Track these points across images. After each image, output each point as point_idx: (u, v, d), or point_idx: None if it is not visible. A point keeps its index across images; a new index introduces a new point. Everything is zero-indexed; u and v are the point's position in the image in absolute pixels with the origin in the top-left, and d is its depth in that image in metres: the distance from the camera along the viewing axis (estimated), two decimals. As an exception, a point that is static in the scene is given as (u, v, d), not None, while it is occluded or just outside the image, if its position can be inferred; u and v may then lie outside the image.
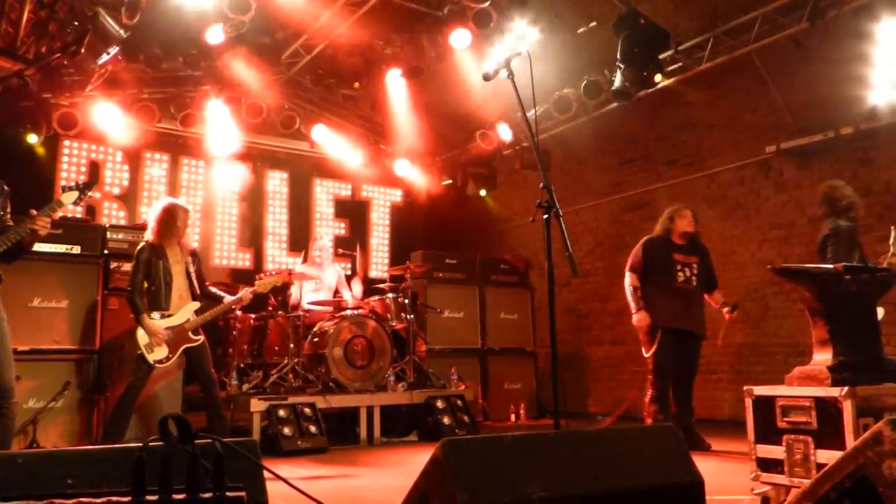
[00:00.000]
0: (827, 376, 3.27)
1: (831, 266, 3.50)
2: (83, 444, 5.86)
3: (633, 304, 5.71)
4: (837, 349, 3.37)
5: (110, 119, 7.95)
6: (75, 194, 3.97)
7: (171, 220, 5.41)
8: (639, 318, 5.65)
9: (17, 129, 7.39)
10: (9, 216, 3.81)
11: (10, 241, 3.59)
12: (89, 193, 4.10)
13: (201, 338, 5.41)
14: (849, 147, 6.90)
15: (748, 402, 3.50)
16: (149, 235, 5.43)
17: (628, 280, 5.78)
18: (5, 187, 3.83)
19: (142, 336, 5.21)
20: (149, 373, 5.28)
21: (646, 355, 5.68)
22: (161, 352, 5.23)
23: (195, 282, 5.50)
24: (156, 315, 5.27)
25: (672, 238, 5.79)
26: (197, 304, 5.45)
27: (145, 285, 5.33)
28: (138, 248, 5.43)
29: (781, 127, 7.36)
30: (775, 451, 3.33)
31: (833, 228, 4.98)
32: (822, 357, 3.41)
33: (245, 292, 5.71)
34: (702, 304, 5.83)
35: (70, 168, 8.28)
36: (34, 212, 3.70)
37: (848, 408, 3.06)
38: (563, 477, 2.10)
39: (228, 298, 5.63)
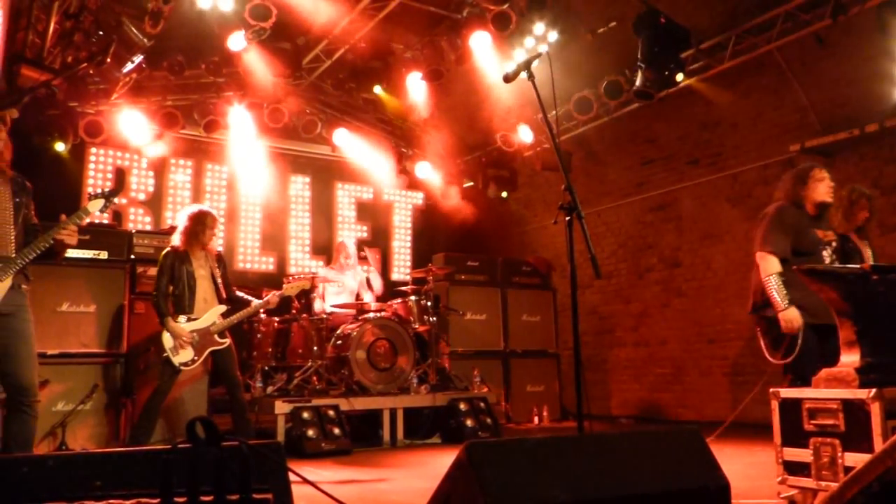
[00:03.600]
0: (854, 378, 3.22)
1: (858, 266, 3.46)
2: (111, 446, 5.93)
3: (779, 300, 4.18)
4: (865, 350, 3.32)
5: (135, 126, 8.06)
6: (101, 202, 4.03)
7: (198, 227, 5.47)
8: (791, 318, 4.14)
9: (45, 138, 7.51)
10: (33, 213, 3.89)
11: (36, 251, 3.66)
12: (115, 200, 4.15)
13: (227, 341, 5.46)
14: (875, 144, 6.81)
15: (774, 405, 3.46)
16: (175, 241, 5.50)
17: (769, 267, 4.27)
18: (27, 184, 3.91)
19: (167, 339, 5.27)
20: (175, 376, 5.34)
21: (778, 361, 4.35)
22: (186, 354, 5.28)
23: (221, 286, 5.56)
24: (181, 318, 5.33)
25: (805, 207, 4.45)
26: (223, 308, 5.51)
27: (170, 289, 5.39)
28: (163, 252, 5.51)
29: (805, 125, 7.29)
30: (802, 455, 3.29)
31: None
32: (850, 359, 3.36)
33: (272, 295, 5.77)
34: None
35: (97, 175, 8.40)
36: (64, 217, 3.78)
37: (876, 410, 3.01)
38: (587, 480, 2.10)
39: (256, 302, 5.68)
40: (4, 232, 3.64)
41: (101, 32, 6.67)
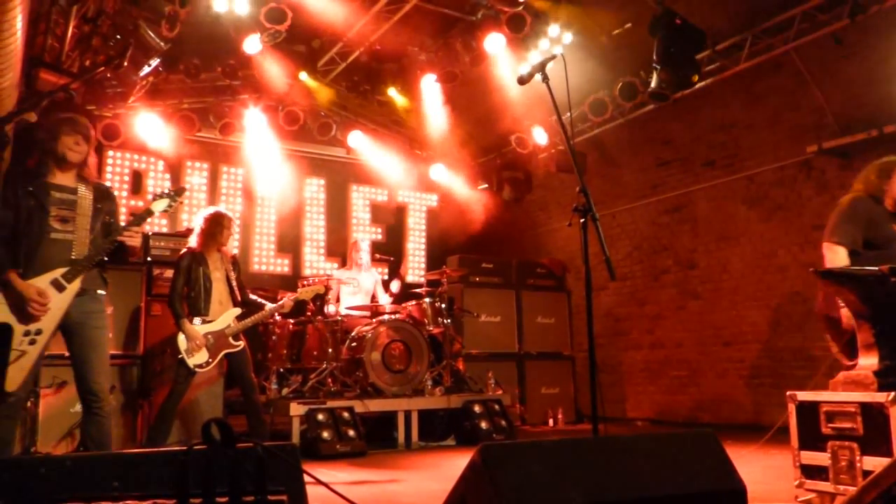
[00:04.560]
0: (873, 381, 3.20)
1: (876, 268, 3.42)
2: (128, 447, 5.97)
3: None
4: (884, 353, 3.29)
5: (152, 129, 8.12)
6: (166, 202, 4.06)
7: (215, 228, 5.51)
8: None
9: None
10: (118, 219, 3.97)
11: (101, 255, 3.74)
12: (179, 200, 4.15)
13: (242, 343, 5.48)
14: (893, 145, 6.73)
15: (791, 408, 3.44)
16: (192, 242, 5.54)
17: (836, 259, 3.95)
18: (111, 192, 4.02)
19: (182, 341, 5.29)
20: (190, 377, 5.35)
21: (847, 363, 3.93)
22: (201, 356, 5.30)
23: (236, 288, 5.58)
24: (196, 321, 5.35)
25: (884, 202, 4.14)
26: (238, 311, 5.53)
27: (185, 291, 5.42)
28: (180, 254, 5.55)
29: (823, 126, 7.23)
30: (820, 458, 3.26)
31: None
32: (868, 361, 3.33)
33: (287, 299, 5.78)
34: None
35: (114, 178, 8.47)
36: (131, 217, 3.87)
37: (895, 413, 2.99)
38: (602, 483, 2.09)
39: (269, 305, 5.70)
40: (81, 237, 3.73)
41: (118, 36, 6.73)
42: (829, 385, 3.42)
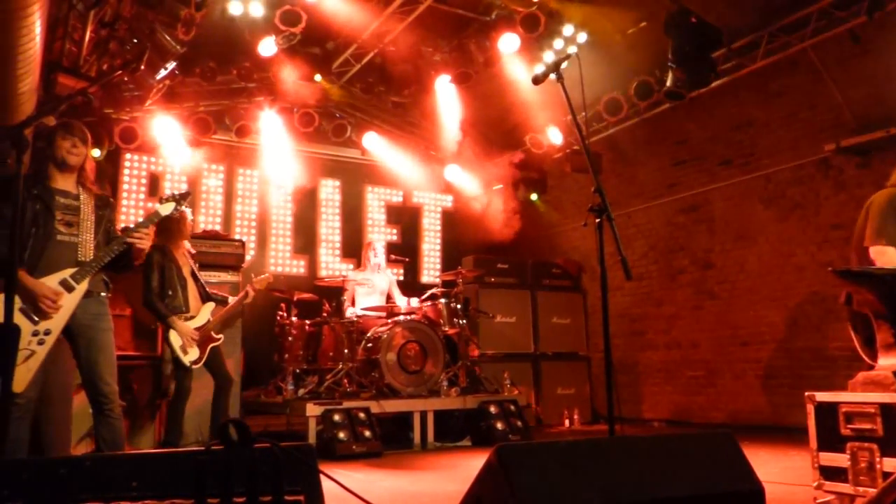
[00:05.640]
0: (892, 381, 3.16)
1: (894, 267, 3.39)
2: (146, 447, 6.02)
3: None
4: (903, 353, 3.26)
5: (168, 132, 8.18)
6: (172, 205, 4.11)
7: (172, 224, 5.43)
8: None
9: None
10: (116, 228, 4.02)
11: (110, 255, 3.75)
12: (185, 203, 4.20)
13: (222, 336, 5.54)
14: (913, 143, 6.67)
15: (810, 409, 3.41)
16: (156, 239, 5.51)
17: (886, 259, 3.66)
18: (112, 201, 4.07)
19: (174, 339, 5.26)
20: (189, 375, 5.32)
21: (871, 362, 3.63)
22: (193, 353, 5.30)
23: (203, 284, 5.62)
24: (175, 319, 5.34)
25: None
26: (213, 305, 5.56)
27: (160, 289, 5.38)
28: (147, 252, 5.46)
29: (840, 124, 7.16)
30: (839, 459, 3.24)
31: None
32: (888, 362, 3.30)
33: (248, 290, 5.81)
34: None
35: (131, 180, 8.54)
36: (140, 220, 3.92)
37: (916, 414, 2.96)
38: (619, 484, 2.08)
39: (232, 299, 5.76)
40: (85, 240, 3.77)
41: (135, 40, 6.80)
42: (848, 386, 3.39)
